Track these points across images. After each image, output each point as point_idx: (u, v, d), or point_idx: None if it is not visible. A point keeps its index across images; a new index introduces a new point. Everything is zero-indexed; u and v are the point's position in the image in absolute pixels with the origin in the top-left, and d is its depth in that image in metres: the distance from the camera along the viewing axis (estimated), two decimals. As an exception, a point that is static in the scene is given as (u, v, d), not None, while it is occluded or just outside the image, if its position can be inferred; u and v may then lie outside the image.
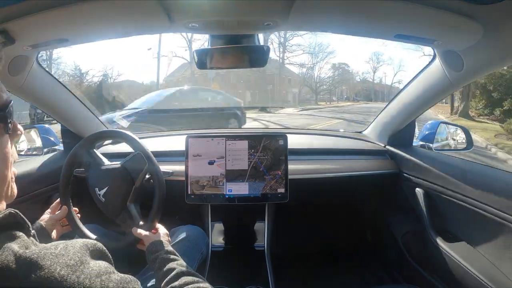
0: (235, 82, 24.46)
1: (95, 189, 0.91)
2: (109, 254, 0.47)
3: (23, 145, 1.35)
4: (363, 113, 19.05)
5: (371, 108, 25.97)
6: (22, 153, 1.33)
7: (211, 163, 1.17)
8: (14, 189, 0.48)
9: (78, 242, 0.43)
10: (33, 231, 0.44)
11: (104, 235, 1.04)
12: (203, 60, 0.89)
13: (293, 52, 28.64)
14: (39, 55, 1.00)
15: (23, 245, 0.39)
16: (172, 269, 0.67)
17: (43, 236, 0.83)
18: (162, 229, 0.88)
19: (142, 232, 0.84)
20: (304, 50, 29.49)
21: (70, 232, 0.94)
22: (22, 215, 0.43)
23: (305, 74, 31.54)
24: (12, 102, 0.43)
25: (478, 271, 0.90)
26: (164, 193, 0.90)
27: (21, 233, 0.41)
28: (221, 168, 1.16)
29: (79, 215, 0.95)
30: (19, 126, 0.47)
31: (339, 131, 1.88)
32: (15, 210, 0.42)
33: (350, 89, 44.13)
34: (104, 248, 0.47)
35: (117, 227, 0.97)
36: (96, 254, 0.44)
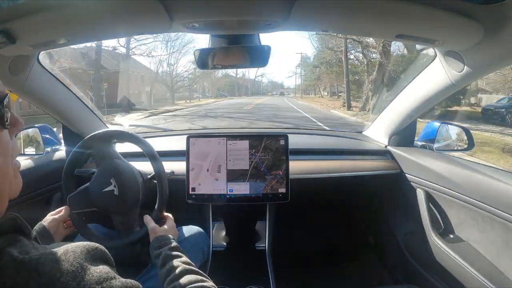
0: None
1: (111, 179, 0.92)
2: (111, 257, 0.46)
3: (25, 144, 1.35)
4: (234, 114, 13.93)
5: (240, 105, 21.89)
6: (23, 152, 1.33)
7: (212, 163, 1.16)
8: (18, 183, 0.46)
9: (79, 246, 0.42)
10: (34, 233, 0.44)
11: (106, 234, 1.04)
12: (204, 59, 0.89)
13: (140, 40, 20.91)
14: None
15: (23, 250, 0.38)
16: (176, 267, 0.66)
17: (46, 237, 0.83)
18: (169, 221, 0.88)
19: (150, 223, 0.85)
20: (155, 37, 21.24)
21: (74, 233, 0.94)
22: (22, 219, 0.42)
23: (158, 67, 26.09)
24: (8, 95, 0.42)
25: (479, 271, 0.90)
26: (167, 187, 0.91)
27: (21, 237, 0.40)
28: (222, 168, 1.16)
29: (83, 217, 0.96)
30: (20, 119, 0.46)
31: (340, 131, 1.87)
32: (15, 214, 0.41)
33: (213, 85, 42.39)
34: (106, 251, 0.46)
35: (119, 226, 0.97)
36: (98, 258, 0.43)
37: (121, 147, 1.41)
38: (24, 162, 1.16)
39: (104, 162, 0.95)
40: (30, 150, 1.33)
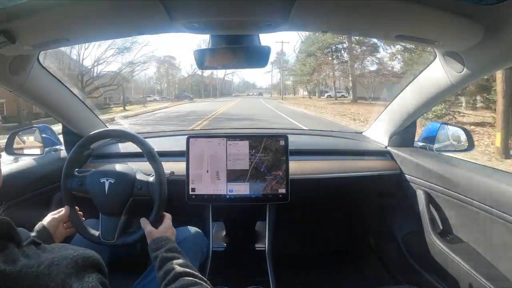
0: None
1: (102, 179, 0.92)
2: (105, 266, 0.45)
3: (25, 144, 1.35)
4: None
5: (187, 119, 12.52)
6: (24, 152, 1.33)
7: (212, 163, 1.16)
8: (0, 177, 0.47)
9: (67, 258, 0.40)
10: (33, 234, 0.43)
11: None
12: (203, 60, 0.89)
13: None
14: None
15: (9, 258, 0.37)
16: (171, 270, 0.66)
17: (46, 237, 0.82)
18: (166, 221, 0.88)
19: (147, 226, 0.84)
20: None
21: (73, 233, 0.94)
22: (13, 225, 0.41)
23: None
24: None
25: (478, 272, 0.90)
26: (165, 189, 0.90)
27: (9, 244, 0.39)
28: (222, 168, 1.16)
29: (83, 218, 0.95)
30: None
31: (340, 131, 1.87)
32: (7, 219, 0.40)
33: (179, 85, 38.21)
34: (100, 260, 0.44)
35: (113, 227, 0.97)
36: (88, 267, 0.42)
37: (121, 147, 1.42)
38: (24, 162, 1.16)
39: (101, 161, 0.95)
40: (30, 150, 1.33)
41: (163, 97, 34.80)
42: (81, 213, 0.96)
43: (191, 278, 0.64)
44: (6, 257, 0.37)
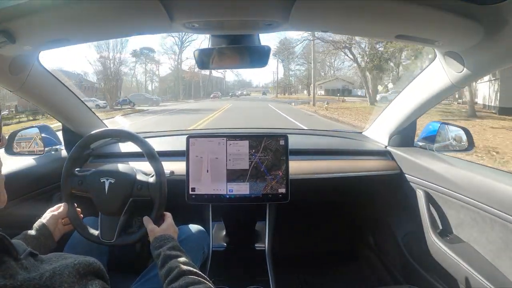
0: None
1: (103, 179, 0.91)
2: (105, 272, 0.45)
3: (25, 144, 1.35)
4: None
5: None
6: (24, 152, 1.33)
7: (212, 163, 1.16)
8: (3, 195, 0.46)
9: (68, 266, 0.40)
10: (23, 254, 0.42)
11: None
12: (203, 60, 0.89)
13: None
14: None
15: (7, 273, 0.36)
16: (174, 268, 0.66)
17: (46, 235, 0.83)
18: (168, 220, 0.88)
19: (149, 224, 0.84)
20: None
21: (72, 230, 0.94)
22: (9, 239, 0.40)
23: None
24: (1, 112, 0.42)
25: (478, 272, 0.90)
26: (165, 189, 0.91)
27: (6, 258, 0.38)
28: (222, 168, 1.16)
29: (81, 215, 0.96)
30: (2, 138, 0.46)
31: (340, 131, 1.87)
32: (3, 234, 0.40)
33: (161, 83, 33.23)
34: (101, 266, 0.44)
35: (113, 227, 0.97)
36: (89, 274, 0.42)
37: (121, 147, 1.42)
38: (24, 162, 1.16)
39: (101, 160, 0.95)
40: (30, 150, 1.33)
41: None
42: (79, 209, 0.95)
43: (194, 277, 0.64)
44: (4, 272, 0.36)
